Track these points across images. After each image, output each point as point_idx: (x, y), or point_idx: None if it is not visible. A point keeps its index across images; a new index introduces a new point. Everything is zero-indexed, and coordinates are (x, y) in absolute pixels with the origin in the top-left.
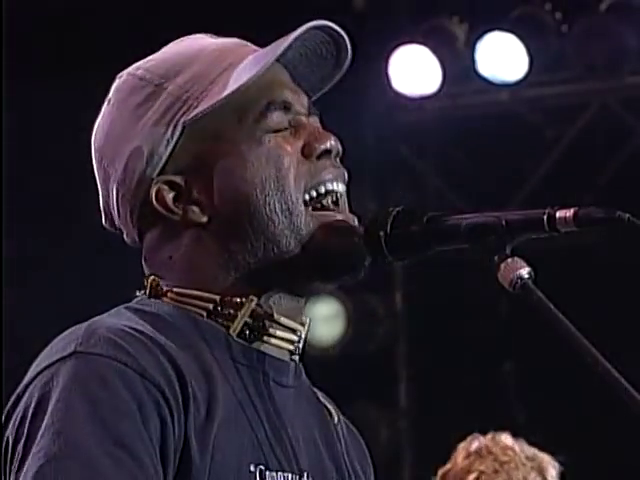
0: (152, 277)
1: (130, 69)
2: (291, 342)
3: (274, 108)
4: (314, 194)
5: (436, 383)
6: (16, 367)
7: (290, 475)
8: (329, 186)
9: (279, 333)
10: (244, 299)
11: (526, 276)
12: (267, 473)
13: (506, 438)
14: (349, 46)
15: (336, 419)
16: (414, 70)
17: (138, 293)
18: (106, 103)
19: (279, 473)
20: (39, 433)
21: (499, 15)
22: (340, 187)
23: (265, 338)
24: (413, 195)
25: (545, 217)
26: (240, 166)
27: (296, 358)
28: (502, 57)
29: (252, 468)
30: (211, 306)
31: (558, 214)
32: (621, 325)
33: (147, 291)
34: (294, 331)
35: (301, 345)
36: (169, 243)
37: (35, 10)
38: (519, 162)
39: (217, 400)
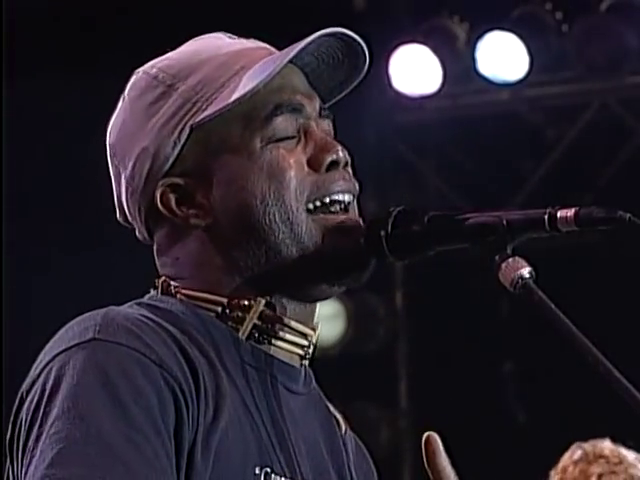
0: (163, 278)
1: (146, 66)
2: (301, 347)
3: (280, 112)
4: (318, 203)
5: (436, 383)
6: (16, 367)
7: None
8: (334, 197)
9: (289, 337)
10: (252, 301)
11: (527, 276)
12: (273, 476)
13: (608, 443)
14: (366, 51)
15: (344, 431)
16: (414, 70)
17: (152, 292)
18: (121, 99)
19: (283, 478)
20: (55, 415)
21: (499, 15)
22: (347, 198)
23: (274, 341)
24: (413, 195)
25: (546, 217)
26: (241, 176)
27: (306, 363)
28: (502, 57)
29: (257, 470)
30: (219, 309)
31: (559, 214)
32: (622, 325)
33: (158, 290)
34: (304, 335)
35: (311, 350)
36: (175, 244)
37: (36, 9)
38: (520, 162)
39: (224, 398)
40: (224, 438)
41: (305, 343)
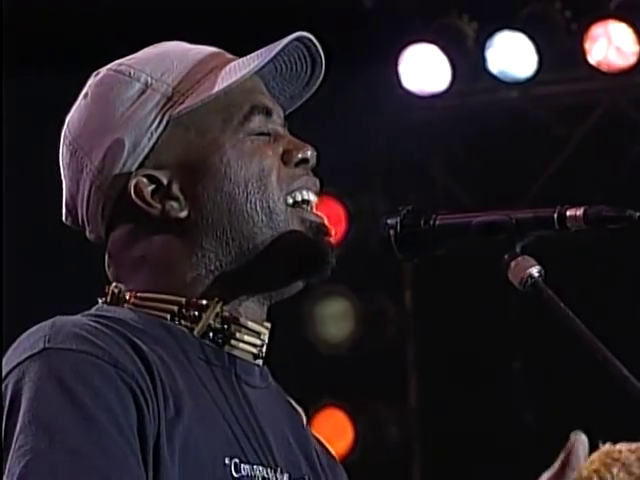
0: (114, 284)
1: (111, 66)
2: (254, 345)
3: (257, 112)
4: (290, 201)
5: (445, 382)
6: None
7: (265, 468)
8: (305, 195)
9: (244, 337)
10: (209, 301)
11: (536, 274)
12: (242, 465)
13: None
14: (323, 66)
15: (305, 422)
16: (424, 69)
17: (99, 300)
18: (82, 97)
19: (254, 466)
20: (18, 430)
21: (509, 14)
22: (312, 197)
23: (233, 342)
24: (422, 193)
25: (555, 215)
26: (224, 165)
27: (259, 362)
28: (512, 55)
29: (227, 461)
30: (176, 308)
31: (568, 212)
32: (631, 323)
33: (108, 298)
34: (258, 334)
35: (264, 349)
36: (142, 239)
37: (36, 6)
38: (528, 160)
39: (183, 393)
40: (188, 432)
41: (259, 343)
